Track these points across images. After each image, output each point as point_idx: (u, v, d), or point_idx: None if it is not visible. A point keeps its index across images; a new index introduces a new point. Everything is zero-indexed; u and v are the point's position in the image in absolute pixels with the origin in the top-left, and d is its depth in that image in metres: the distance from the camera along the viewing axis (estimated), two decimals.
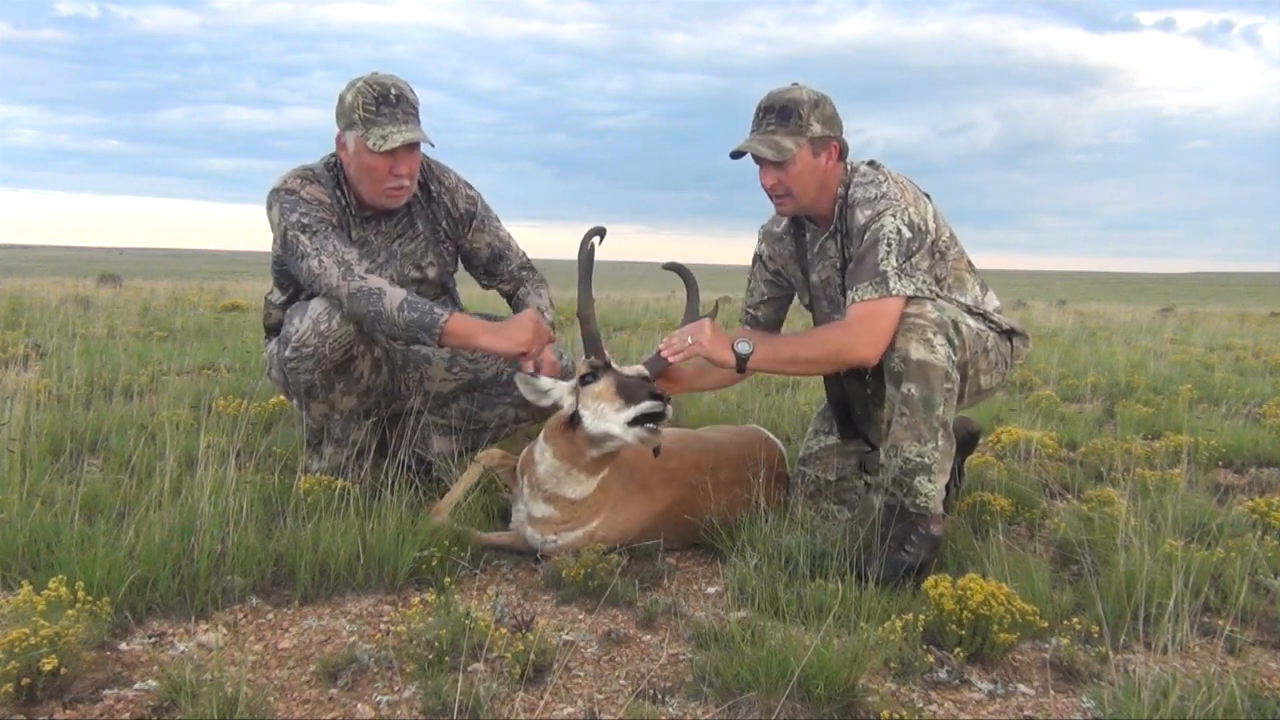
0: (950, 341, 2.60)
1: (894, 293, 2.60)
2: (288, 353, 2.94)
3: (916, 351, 2.57)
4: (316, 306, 2.91)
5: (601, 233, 2.70)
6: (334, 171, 3.05)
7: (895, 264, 2.61)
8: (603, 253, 2.78)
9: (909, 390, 2.58)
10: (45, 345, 6.01)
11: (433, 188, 3.20)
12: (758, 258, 3.20)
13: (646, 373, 2.62)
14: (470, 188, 3.28)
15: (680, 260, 2.84)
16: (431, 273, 3.23)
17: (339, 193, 3.04)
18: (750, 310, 3.25)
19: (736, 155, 2.81)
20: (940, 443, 2.59)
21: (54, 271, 26.11)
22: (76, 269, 29.63)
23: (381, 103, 2.86)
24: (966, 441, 3.36)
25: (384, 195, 2.98)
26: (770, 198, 2.88)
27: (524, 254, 3.43)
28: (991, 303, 2.94)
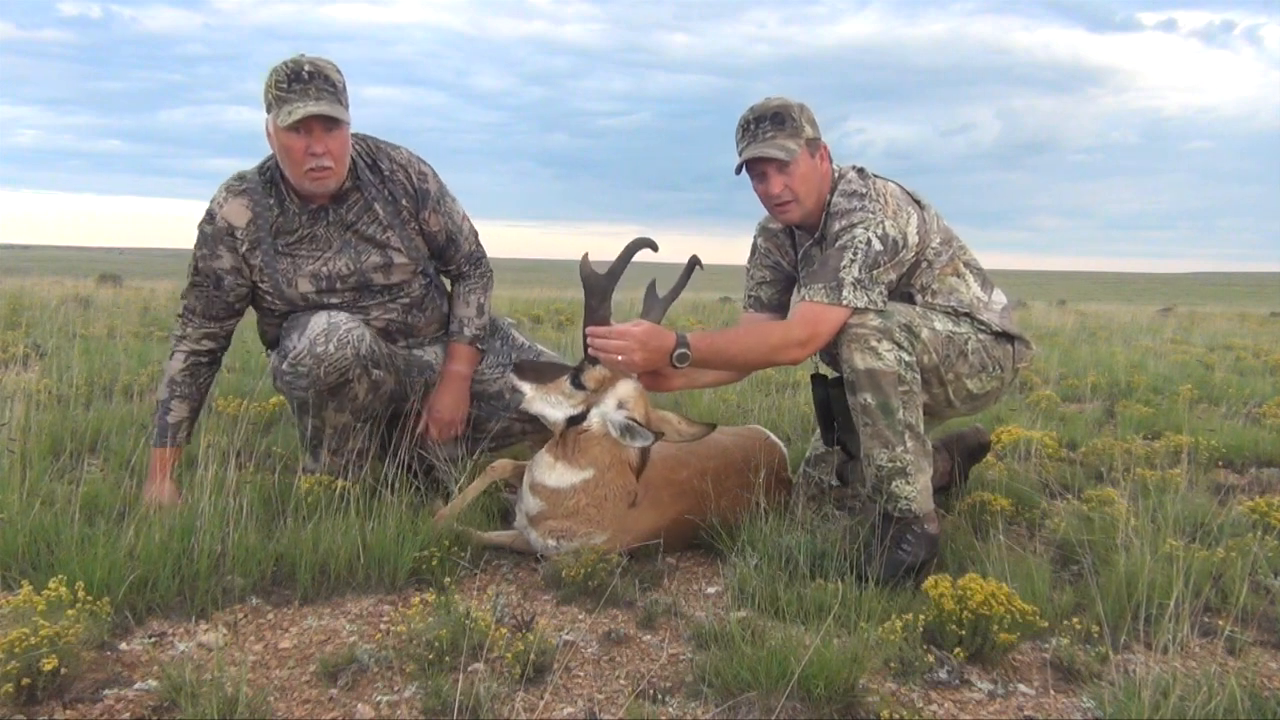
0: (900, 345, 2.60)
1: (844, 302, 2.60)
2: (284, 367, 2.90)
3: (862, 361, 2.59)
4: (315, 327, 2.87)
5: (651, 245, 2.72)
6: (267, 174, 2.98)
7: (855, 274, 2.61)
8: (603, 254, 2.79)
9: (865, 400, 2.60)
10: (45, 345, 6.01)
11: (384, 166, 3.07)
12: (755, 248, 3.21)
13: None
14: (424, 163, 3.16)
15: (680, 261, 2.83)
16: (398, 257, 3.10)
17: (278, 191, 2.96)
18: (751, 294, 3.24)
19: (742, 167, 2.79)
20: (909, 444, 2.60)
21: (54, 271, 26.10)
22: (76, 269, 29.61)
23: (293, 80, 2.76)
24: (976, 451, 3.36)
25: (307, 178, 2.86)
26: (773, 207, 2.85)
27: (475, 243, 3.31)
28: (996, 304, 2.92)
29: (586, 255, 2.66)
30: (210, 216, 2.95)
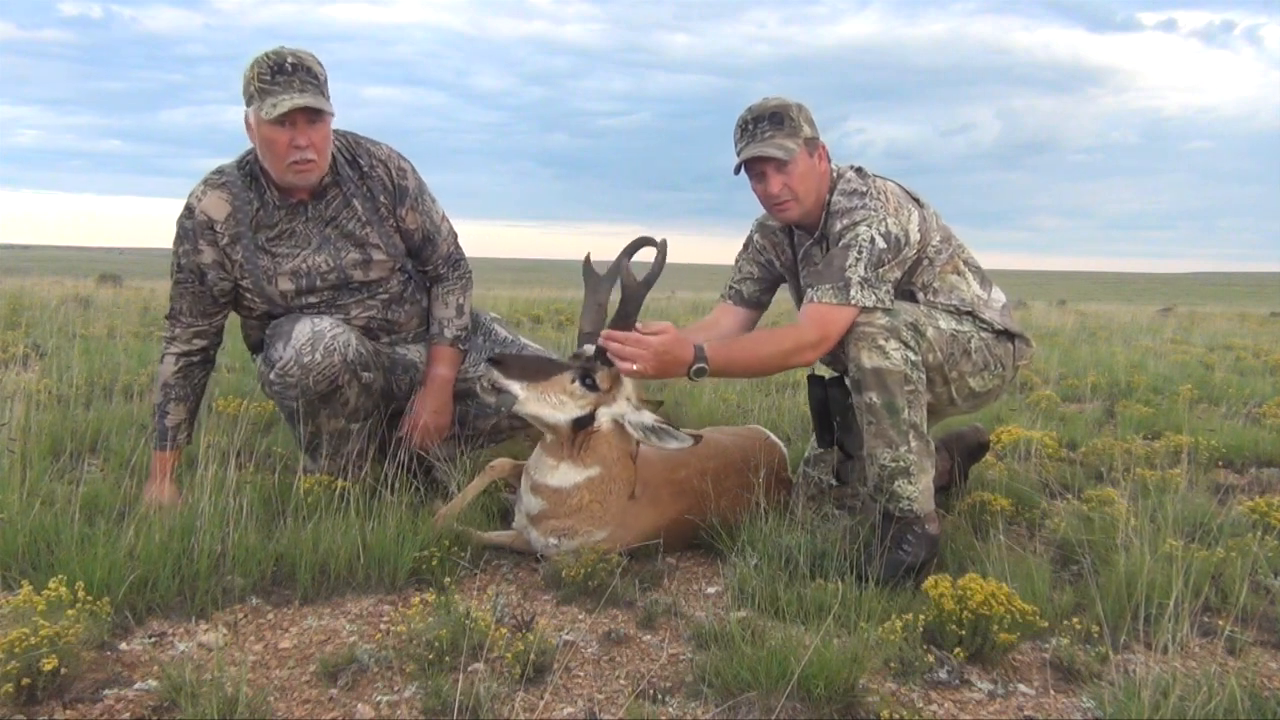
0: (907, 344, 2.60)
1: (852, 302, 2.60)
2: (271, 376, 2.88)
3: (869, 360, 2.58)
4: (300, 335, 2.85)
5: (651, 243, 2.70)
6: (247, 168, 2.96)
7: (862, 273, 2.61)
8: (603, 253, 2.78)
9: (871, 399, 2.60)
10: (45, 345, 6.01)
11: (363, 163, 3.04)
12: (750, 242, 3.20)
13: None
14: (404, 160, 3.13)
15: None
16: (377, 254, 3.08)
17: (257, 185, 2.94)
18: (734, 285, 3.21)
19: (741, 167, 2.79)
20: (913, 444, 2.60)
21: (54, 271, 26.12)
22: (76, 269, 29.63)
23: (277, 72, 2.73)
24: (975, 450, 3.36)
25: (290, 171, 2.84)
26: (772, 206, 2.85)
27: (453, 245, 3.29)
28: (996, 302, 2.93)
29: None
30: (189, 211, 2.93)
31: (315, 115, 2.79)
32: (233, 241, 2.94)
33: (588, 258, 2.75)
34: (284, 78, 2.73)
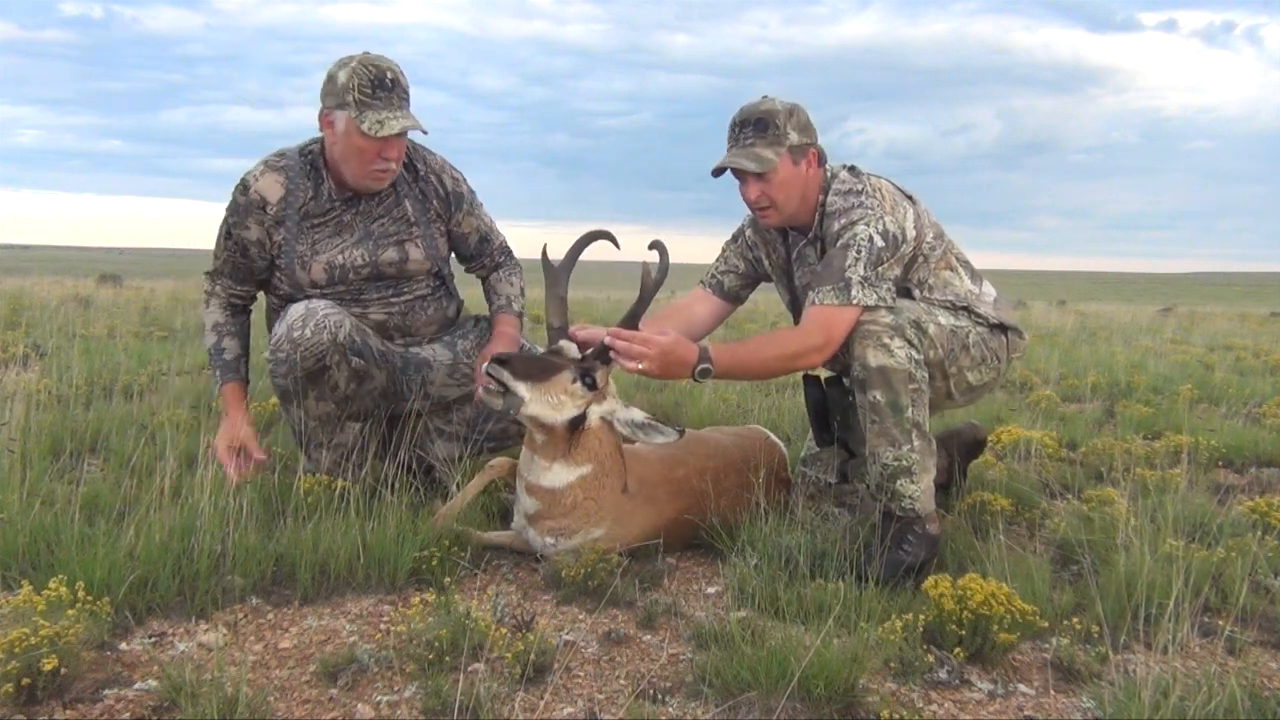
0: (911, 342, 2.60)
1: (854, 301, 2.60)
2: (267, 354, 2.98)
3: (875, 358, 2.58)
4: (294, 312, 2.90)
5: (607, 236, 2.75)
6: (309, 157, 3.05)
7: (862, 272, 2.61)
8: (604, 253, 2.78)
9: (875, 397, 2.60)
10: (45, 345, 6.01)
11: (419, 167, 3.19)
12: (741, 235, 3.19)
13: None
14: (456, 169, 3.28)
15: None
16: (415, 254, 3.17)
17: (315, 174, 3.04)
18: (717, 275, 3.21)
19: (718, 172, 2.80)
20: (915, 443, 2.60)
21: (54, 271, 26.12)
22: (76, 269, 29.66)
23: (378, 86, 2.85)
24: (973, 447, 3.37)
25: (369, 177, 2.97)
26: (754, 211, 2.87)
27: (504, 238, 3.49)
28: (987, 296, 2.94)
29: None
30: (244, 187, 3.02)
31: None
32: (277, 223, 3.04)
33: (544, 250, 2.77)
34: (384, 93, 2.86)
